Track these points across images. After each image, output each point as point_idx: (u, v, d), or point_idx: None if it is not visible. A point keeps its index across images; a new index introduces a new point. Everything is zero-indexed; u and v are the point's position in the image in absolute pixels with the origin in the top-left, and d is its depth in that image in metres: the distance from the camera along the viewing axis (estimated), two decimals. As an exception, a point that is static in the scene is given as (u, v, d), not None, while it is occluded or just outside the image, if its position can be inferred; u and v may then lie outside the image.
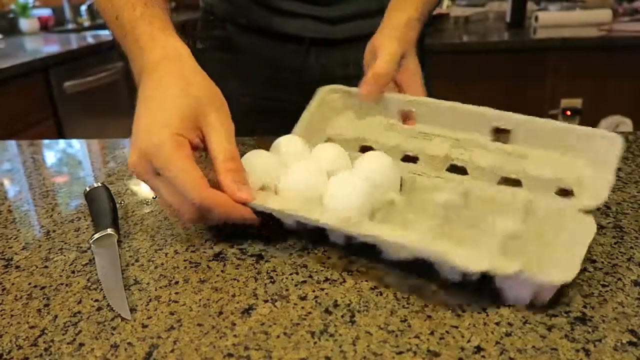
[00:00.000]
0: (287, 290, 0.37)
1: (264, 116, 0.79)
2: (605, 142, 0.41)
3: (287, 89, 0.79)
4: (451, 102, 0.50)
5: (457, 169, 0.48)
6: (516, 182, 0.44)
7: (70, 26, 2.88)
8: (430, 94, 0.85)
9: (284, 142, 0.49)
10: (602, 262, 0.39)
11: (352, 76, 0.77)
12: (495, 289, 0.34)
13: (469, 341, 0.31)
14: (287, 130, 0.55)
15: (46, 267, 0.42)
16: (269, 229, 0.43)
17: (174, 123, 0.40)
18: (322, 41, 0.75)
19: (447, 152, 0.48)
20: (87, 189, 0.52)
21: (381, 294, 0.36)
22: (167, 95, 0.42)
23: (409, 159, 0.51)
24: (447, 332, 0.32)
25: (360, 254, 0.40)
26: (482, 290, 0.36)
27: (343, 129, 0.55)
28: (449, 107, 0.50)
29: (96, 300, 0.37)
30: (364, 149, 0.52)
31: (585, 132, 0.42)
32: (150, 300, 0.37)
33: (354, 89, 0.56)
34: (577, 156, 0.43)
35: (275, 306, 0.35)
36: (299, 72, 0.77)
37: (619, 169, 0.56)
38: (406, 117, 0.54)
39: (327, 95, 0.57)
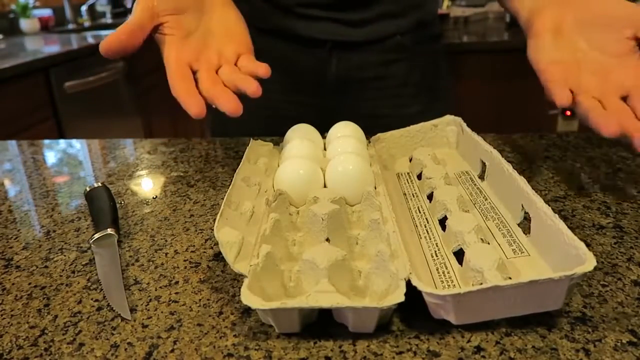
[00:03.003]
0: (287, 290, 0.37)
1: (282, 120, 0.79)
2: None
3: (305, 92, 0.78)
4: (518, 175, 0.42)
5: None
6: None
7: (70, 26, 2.88)
8: (453, 92, 0.85)
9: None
10: (602, 262, 0.39)
11: (370, 78, 0.77)
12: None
13: (469, 341, 0.31)
14: None
15: (46, 267, 0.42)
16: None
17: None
18: (343, 44, 0.74)
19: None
20: (87, 189, 0.52)
21: (381, 294, 0.36)
22: None
23: None
24: (447, 332, 0.32)
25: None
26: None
27: None
28: (508, 176, 0.43)
29: (96, 300, 0.37)
30: None
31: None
32: (150, 300, 0.37)
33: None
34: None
35: (275, 306, 0.35)
36: (319, 75, 0.76)
37: (619, 169, 0.56)
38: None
39: None
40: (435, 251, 0.39)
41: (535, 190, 0.39)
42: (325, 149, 0.55)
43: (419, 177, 0.51)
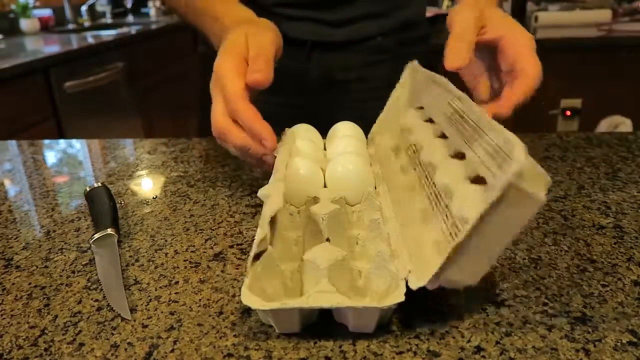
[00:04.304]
0: (287, 290, 0.37)
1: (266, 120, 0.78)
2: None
3: (287, 93, 0.78)
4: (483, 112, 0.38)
5: None
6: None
7: (70, 26, 2.88)
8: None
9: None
10: (602, 262, 0.39)
11: (353, 79, 0.77)
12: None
13: (469, 341, 0.31)
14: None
15: (46, 267, 0.42)
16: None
17: (231, 48, 0.49)
18: (323, 44, 0.74)
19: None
20: (88, 189, 0.52)
21: (381, 294, 0.36)
22: (229, 35, 0.51)
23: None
24: (447, 332, 0.32)
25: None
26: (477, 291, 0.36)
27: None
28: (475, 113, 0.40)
29: (96, 300, 0.37)
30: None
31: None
32: (150, 300, 0.37)
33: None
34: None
35: (275, 306, 0.35)
36: (301, 75, 0.76)
37: (619, 169, 0.56)
38: None
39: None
40: (447, 214, 0.36)
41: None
42: (325, 149, 0.55)
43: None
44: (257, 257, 0.34)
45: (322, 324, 0.33)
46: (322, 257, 0.34)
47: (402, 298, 0.30)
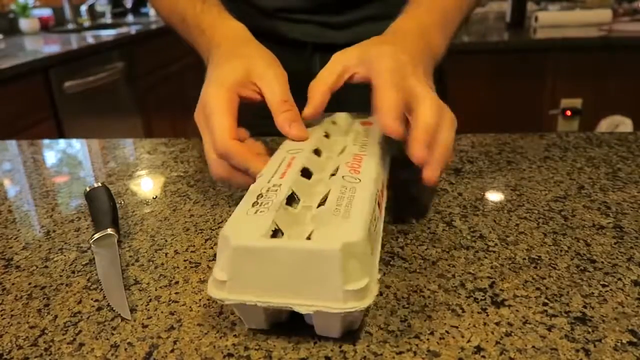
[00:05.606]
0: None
1: (265, 121, 0.78)
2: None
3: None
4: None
5: None
6: None
7: (70, 26, 2.88)
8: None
9: None
10: (602, 262, 0.39)
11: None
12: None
13: (469, 341, 0.31)
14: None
15: (46, 267, 0.42)
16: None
17: (226, 81, 0.46)
18: (325, 46, 0.74)
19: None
20: (87, 189, 0.52)
21: (381, 294, 0.36)
22: (224, 61, 0.49)
23: None
24: (447, 332, 0.32)
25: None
26: (479, 291, 0.36)
27: None
28: None
29: (96, 300, 0.37)
30: None
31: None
32: (150, 300, 0.37)
33: None
34: None
35: (275, 306, 0.35)
36: (303, 77, 0.76)
37: (619, 169, 0.56)
38: None
39: None
40: None
41: (535, 191, 0.39)
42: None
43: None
44: None
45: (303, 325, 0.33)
46: None
47: (367, 304, 0.29)
